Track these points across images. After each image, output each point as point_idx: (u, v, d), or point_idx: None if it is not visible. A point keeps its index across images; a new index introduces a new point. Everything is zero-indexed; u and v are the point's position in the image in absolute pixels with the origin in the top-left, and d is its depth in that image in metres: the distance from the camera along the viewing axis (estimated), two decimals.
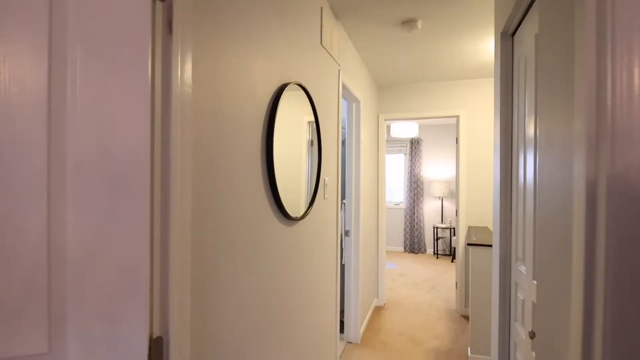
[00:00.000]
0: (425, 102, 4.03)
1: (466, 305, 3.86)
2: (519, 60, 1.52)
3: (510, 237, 1.66)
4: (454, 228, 6.71)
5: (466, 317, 3.79)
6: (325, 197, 2.15)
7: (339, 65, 2.42)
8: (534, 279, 1.30)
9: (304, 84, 1.73)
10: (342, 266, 3.50)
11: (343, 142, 3.79)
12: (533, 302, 1.30)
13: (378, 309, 4.02)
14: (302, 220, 1.74)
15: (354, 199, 3.20)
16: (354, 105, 3.14)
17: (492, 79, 3.80)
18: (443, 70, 3.60)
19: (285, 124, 1.52)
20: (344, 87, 2.63)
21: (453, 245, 6.28)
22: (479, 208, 3.87)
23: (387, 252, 7.17)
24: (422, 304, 4.19)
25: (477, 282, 2.81)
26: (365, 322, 3.49)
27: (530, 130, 1.33)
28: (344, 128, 3.85)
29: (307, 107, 1.78)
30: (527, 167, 1.38)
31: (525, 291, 1.41)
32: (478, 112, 3.87)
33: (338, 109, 2.40)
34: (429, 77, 3.87)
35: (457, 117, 3.94)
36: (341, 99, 2.48)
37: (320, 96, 2.05)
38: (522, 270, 1.47)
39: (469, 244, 2.83)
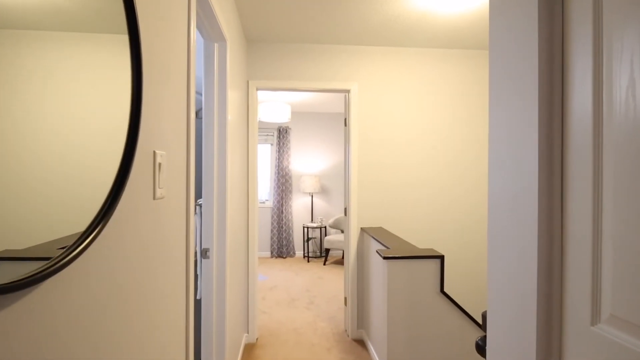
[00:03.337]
0: (309, 70, 3.12)
1: (359, 327, 3.12)
2: None
3: (561, 276, 0.82)
4: (325, 227, 6.12)
5: (359, 341, 3.05)
6: (159, 194, 0.94)
7: None
8: None
9: None
10: (198, 301, 2.27)
11: (197, 114, 2.52)
12: None
13: (250, 349, 2.91)
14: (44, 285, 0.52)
15: (217, 198, 2.02)
16: (216, 47, 1.94)
17: (393, 48, 3.14)
18: (337, 26, 2.74)
19: None
20: None
21: (325, 246, 5.65)
22: (374, 206, 3.18)
23: None
24: (304, 330, 3.28)
25: (404, 314, 2.03)
26: None
27: None
28: (198, 94, 2.58)
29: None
30: None
31: None
32: (374, 87, 3.17)
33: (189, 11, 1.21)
34: (315, 36, 2.96)
35: (347, 91, 3.16)
36: (194, 16, 1.28)
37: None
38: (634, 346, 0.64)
39: (386, 257, 2.02)
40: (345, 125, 3.23)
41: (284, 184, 6.15)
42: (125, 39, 0.72)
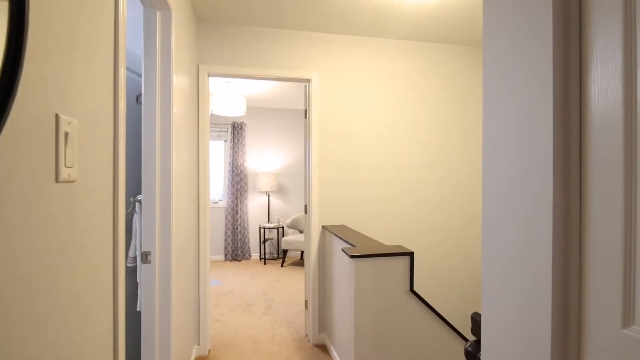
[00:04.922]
0: (267, 57, 2.89)
1: (321, 331, 2.94)
2: None
3: (580, 269, 0.69)
4: (282, 227, 5.88)
5: (320, 347, 2.87)
6: (66, 175, 0.69)
7: None
8: None
9: None
10: (138, 313, 1.96)
11: (137, 99, 2.20)
12: None
13: None
14: None
15: (160, 194, 1.74)
16: (158, 16, 1.67)
17: (358, 38, 2.98)
18: (298, 7, 2.54)
19: None
20: None
21: (282, 247, 5.42)
22: (336, 203, 3.02)
23: None
24: (261, 337, 3.04)
25: (372, 316, 1.87)
26: None
27: None
28: (136, 74, 2.25)
29: None
30: None
31: None
32: (337, 78, 3.01)
33: None
34: (273, 19, 2.74)
35: (308, 81, 2.97)
36: None
37: None
38: None
39: (353, 256, 1.85)
40: (306, 117, 3.04)
41: (238, 182, 5.83)
42: None
